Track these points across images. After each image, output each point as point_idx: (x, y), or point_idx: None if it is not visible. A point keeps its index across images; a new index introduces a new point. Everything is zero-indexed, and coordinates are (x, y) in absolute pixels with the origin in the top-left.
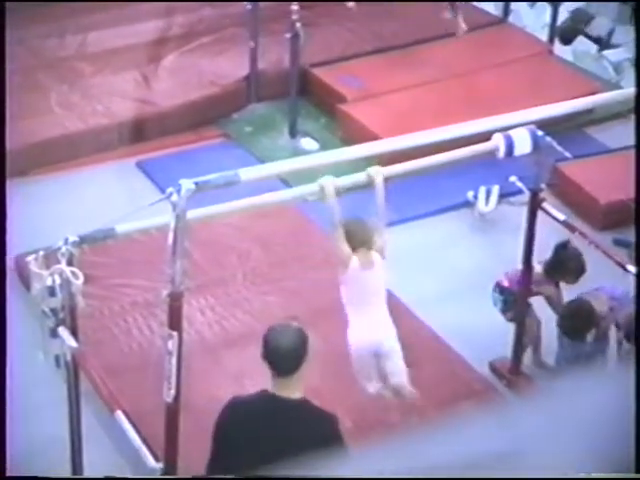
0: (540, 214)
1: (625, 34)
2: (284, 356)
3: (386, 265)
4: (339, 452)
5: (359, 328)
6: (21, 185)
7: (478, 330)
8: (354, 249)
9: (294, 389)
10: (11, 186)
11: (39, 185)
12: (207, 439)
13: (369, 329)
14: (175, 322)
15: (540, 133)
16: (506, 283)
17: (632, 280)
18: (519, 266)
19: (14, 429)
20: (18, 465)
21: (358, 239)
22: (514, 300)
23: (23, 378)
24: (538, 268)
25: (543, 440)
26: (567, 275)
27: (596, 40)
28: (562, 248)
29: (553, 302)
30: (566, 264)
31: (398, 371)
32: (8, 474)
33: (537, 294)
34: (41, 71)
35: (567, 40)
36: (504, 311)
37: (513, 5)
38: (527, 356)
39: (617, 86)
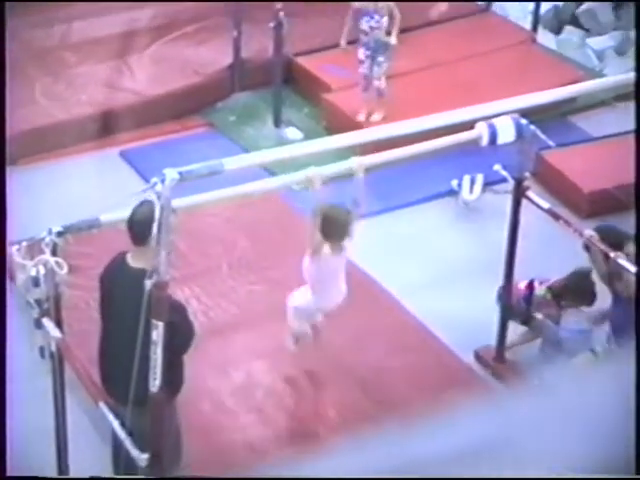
0: (524, 202)
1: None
2: (136, 226)
3: (369, 253)
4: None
5: (328, 298)
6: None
7: (463, 318)
8: (329, 239)
9: (146, 260)
10: None
11: (23, 175)
12: (193, 429)
13: (331, 299)
14: (160, 312)
15: (524, 121)
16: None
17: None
18: (519, 282)
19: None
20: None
21: (336, 232)
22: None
23: (7, 370)
24: (540, 289)
25: (542, 440)
26: (580, 301)
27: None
28: (583, 276)
29: (552, 320)
30: (584, 292)
31: None
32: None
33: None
34: (25, 61)
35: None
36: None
37: None
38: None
39: (600, 74)
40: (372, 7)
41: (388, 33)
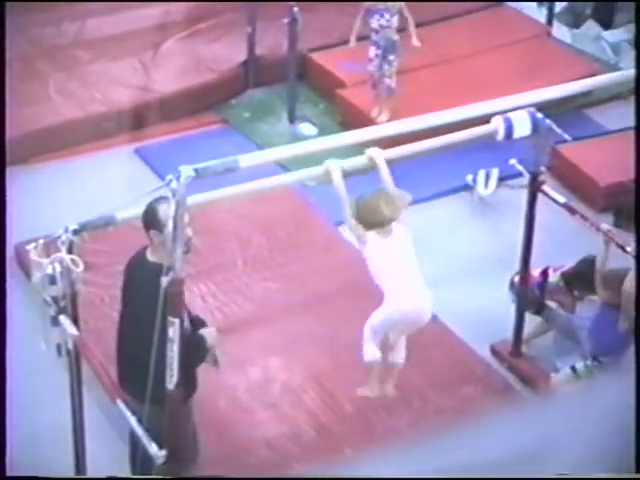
0: (540, 196)
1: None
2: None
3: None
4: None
5: (404, 297)
6: (20, 173)
7: (479, 313)
8: (370, 228)
9: (163, 256)
10: (10, 174)
11: (38, 173)
12: (209, 425)
13: (417, 298)
14: (176, 309)
15: (539, 115)
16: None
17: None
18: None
19: (16, 418)
20: (21, 455)
21: (372, 220)
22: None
23: (24, 367)
24: (554, 277)
25: (544, 439)
26: (586, 289)
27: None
28: (590, 263)
29: (566, 309)
30: (590, 279)
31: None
32: (8, 468)
33: (549, 300)
34: (39, 59)
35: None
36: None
37: None
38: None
39: (616, 67)
40: (382, 6)
41: (399, 31)
